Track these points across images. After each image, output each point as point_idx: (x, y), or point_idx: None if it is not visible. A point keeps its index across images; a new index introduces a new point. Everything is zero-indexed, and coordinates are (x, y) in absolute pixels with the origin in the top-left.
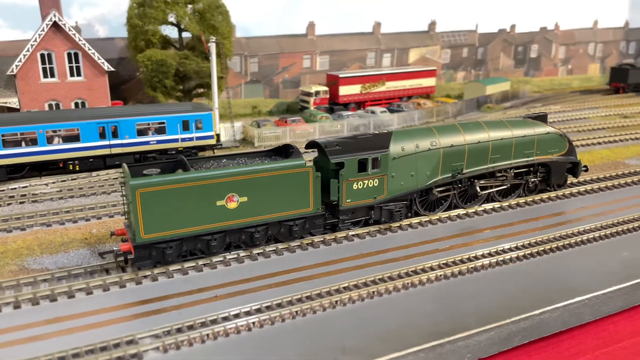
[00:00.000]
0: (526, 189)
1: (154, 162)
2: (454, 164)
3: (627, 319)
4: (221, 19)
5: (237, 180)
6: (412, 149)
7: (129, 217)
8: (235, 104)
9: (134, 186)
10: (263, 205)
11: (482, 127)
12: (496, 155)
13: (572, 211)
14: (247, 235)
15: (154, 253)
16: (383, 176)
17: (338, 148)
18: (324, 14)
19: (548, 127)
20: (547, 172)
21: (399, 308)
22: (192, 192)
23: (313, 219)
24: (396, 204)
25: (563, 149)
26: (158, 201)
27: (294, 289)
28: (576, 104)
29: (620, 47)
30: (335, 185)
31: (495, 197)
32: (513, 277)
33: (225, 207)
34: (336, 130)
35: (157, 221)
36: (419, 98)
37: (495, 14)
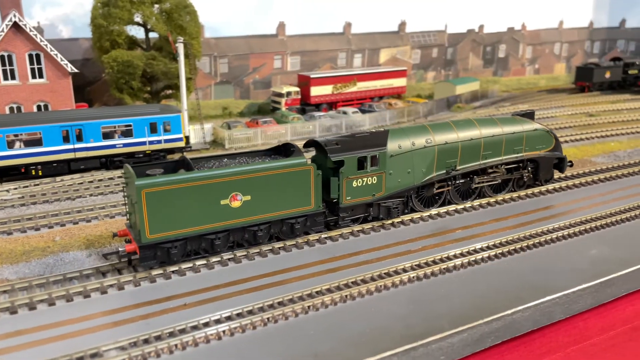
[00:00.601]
0: (516, 184)
1: (156, 162)
2: (448, 161)
3: (597, 316)
4: (189, 19)
5: (240, 179)
6: (409, 146)
7: (131, 218)
8: (205, 105)
9: (139, 186)
10: (266, 203)
11: (474, 124)
12: (488, 152)
13: (542, 209)
14: (250, 234)
15: (159, 253)
16: (381, 173)
17: (338, 146)
18: (294, 14)
19: (536, 124)
20: (536, 168)
21: (372, 311)
22: (196, 192)
23: (314, 216)
24: (393, 200)
25: (550, 145)
26: (163, 201)
27: (266, 294)
28: (543, 103)
29: (585, 46)
30: (335, 183)
31: (487, 193)
32: (485, 277)
33: (229, 206)
34: (308, 131)
35: (163, 221)
36: (390, 98)
37: (463, 14)
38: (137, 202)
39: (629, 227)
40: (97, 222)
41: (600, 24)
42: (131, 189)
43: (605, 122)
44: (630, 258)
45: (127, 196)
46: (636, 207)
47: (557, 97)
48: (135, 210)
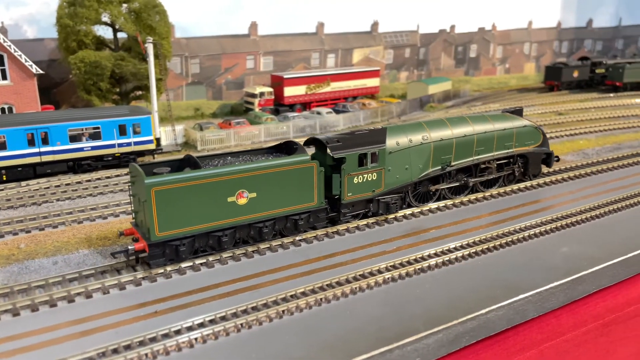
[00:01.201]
0: (506, 179)
1: (162, 161)
2: (443, 157)
3: (569, 313)
4: (158, 19)
5: (247, 177)
6: (406, 143)
7: (137, 217)
8: (177, 107)
9: (149, 185)
10: (271, 200)
11: (467, 121)
12: (480, 148)
13: (513, 208)
14: (255, 230)
15: (168, 251)
16: (380, 170)
17: (339, 144)
18: (266, 14)
19: (525, 120)
20: (525, 163)
21: (348, 314)
22: (204, 189)
23: (317, 212)
24: (392, 196)
25: (538, 141)
26: (172, 199)
27: (239, 299)
28: (514, 102)
29: (554, 46)
30: (337, 179)
31: (479, 188)
32: (459, 277)
33: (235, 203)
34: (282, 132)
35: (172, 219)
36: (364, 98)
37: (435, 14)
38: (146, 201)
39: (598, 224)
40: (64, 228)
41: (567, 24)
42: (139, 187)
43: (574, 121)
44: (600, 255)
45: (133, 195)
46: (605, 205)
47: (527, 96)
48: (144, 209)
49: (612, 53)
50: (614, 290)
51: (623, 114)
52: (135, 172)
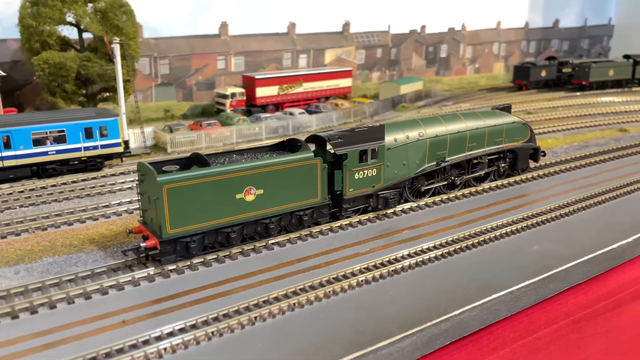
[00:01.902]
0: (496, 174)
1: (169, 159)
2: (438, 153)
3: (541, 311)
4: (125, 19)
5: (254, 174)
6: (404, 139)
7: (146, 215)
8: (146, 108)
9: (161, 182)
10: (277, 196)
11: (460, 118)
12: (473, 144)
13: (485, 207)
14: (262, 226)
15: (179, 247)
16: (380, 166)
17: (340, 141)
18: (236, 14)
19: (513, 116)
20: (514, 158)
21: (321, 319)
22: (214, 187)
23: (320, 208)
24: (390, 191)
25: (526, 136)
26: (183, 196)
27: (210, 306)
28: (484, 101)
29: (522, 46)
30: (339, 175)
31: (471, 183)
32: (433, 278)
33: (243, 200)
34: (254, 133)
35: (183, 216)
36: (337, 99)
37: (405, 14)
38: (158, 198)
39: (568, 222)
40: (27, 236)
41: (535, 24)
42: (149, 185)
43: (542, 120)
44: (571, 253)
45: (141, 193)
46: (574, 202)
47: (497, 96)
48: (155, 206)
49: (578, 53)
50: (584, 287)
51: (589, 112)
52: (144, 170)
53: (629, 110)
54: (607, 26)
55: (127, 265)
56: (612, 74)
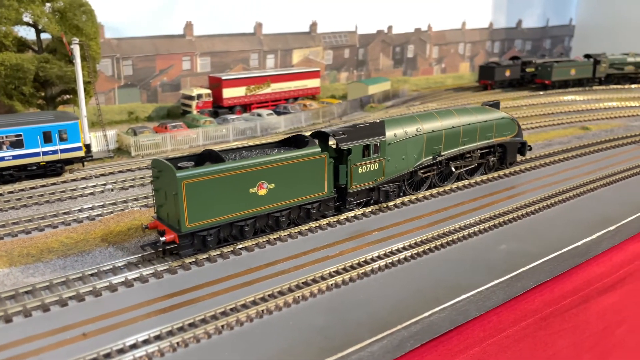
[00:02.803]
0: (486, 167)
1: (182, 156)
2: (434, 147)
3: (509, 309)
4: (85, 19)
5: (266, 169)
6: (403, 134)
7: (161, 210)
8: (109, 111)
9: (180, 178)
10: (287, 191)
11: (454, 114)
12: (465, 139)
13: (453, 206)
14: (273, 219)
15: (196, 241)
16: (382, 160)
17: (345, 136)
18: (201, 14)
19: (502, 112)
20: (503, 152)
21: (291, 325)
22: (230, 181)
23: (327, 201)
24: (390, 185)
25: (514, 131)
26: (201, 191)
27: (175, 316)
28: (450, 101)
29: (486, 46)
30: (344, 169)
31: (464, 176)
32: (403, 279)
33: (256, 194)
34: (221, 135)
35: (200, 210)
36: (305, 99)
37: (372, 15)
38: (177, 193)
39: (534, 220)
40: None
41: (499, 25)
42: (166, 181)
43: None
44: (537, 251)
45: (156, 190)
46: (539, 201)
47: (463, 95)
48: (173, 201)
49: (540, 52)
50: (551, 285)
51: (552, 111)
52: (161, 167)
53: (590, 108)
54: (568, 26)
55: (80, 278)
56: (573, 73)
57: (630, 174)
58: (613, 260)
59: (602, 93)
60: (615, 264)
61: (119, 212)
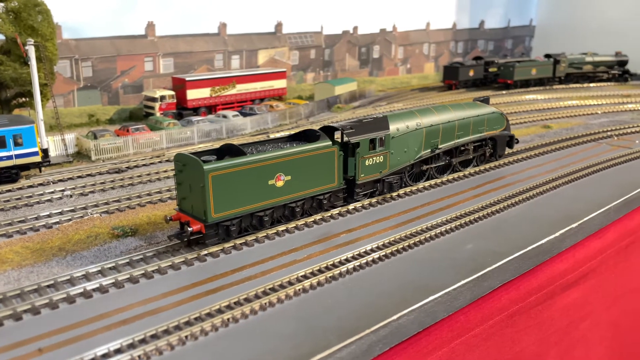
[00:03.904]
0: (478, 160)
1: (202, 150)
2: (432, 141)
3: (476, 308)
4: (41, 19)
5: (284, 161)
6: (404, 129)
7: (184, 202)
8: (68, 114)
9: (207, 170)
10: (302, 182)
11: (449, 109)
12: (460, 132)
13: (419, 207)
14: (289, 210)
15: (220, 231)
16: (386, 153)
17: (353, 130)
18: (163, 14)
19: (492, 107)
20: (494, 145)
21: (257, 334)
22: (251, 173)
23: (337, 192)
24: (393, 177)
25: (503, 125)
26: (225, 183)
27: (137, 327)
28: (416, 101)
29: (450, 46)
30: (352, 162)
31: (458, 168)
32: (370, 282)
33: (274, 186)
34: (186, 137)
35: (224, 201)
36: (272, 100)
37: (337, 15)
38: (203, 185)
39: (499, 219)
40: None
41: (462, 25)
42: (191, 174)
43: None
44: (502, 250)
45: (179, 183)
46: (503, 199)
47: (428, 95)
48: (200, 193)
49: (502, 52)
50: (516, 283)
51: (515, 110)
52: (185, 161)
53: (551, 107)
54: (528, 27)
55: (35, 290)
56: (534, 72)
57: (590, 171)
58: (576, 257)
59: (562, 92)
60: (578, 261)
61: (78, 219)
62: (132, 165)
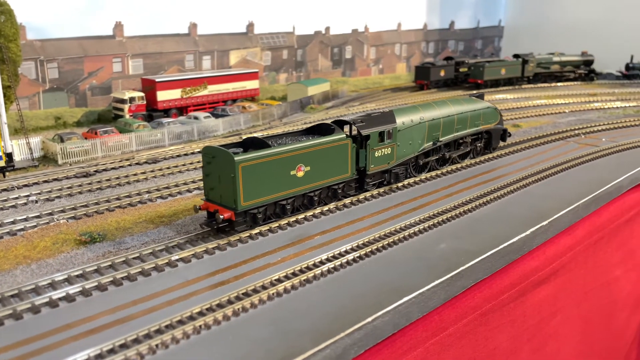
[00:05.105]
0: (475, 152)
1: (227, 144)
2: (434, 134)
3: (450, 308)
4: (4, 19)
5: (304, 153)
6: (409, 122)
7: (212, 193)
8: (34, 116)
9: (238, 161)
10: (319, 173)
11: (448, 104)
12: (459, 126)
13: (393, 207)
14: (308, 199)
15: (248, 218)
16: (393, 145)
17: (363, 124)
18: (132, 14)
19: (486, 102)
20: (489, 138)
21: (230, 340)
22: (276, 164)
23: (349, 182)
24: (399, 167)
25: (497, 119)
26: (253, 173)
27: (105, 336)
28: (389, 101)
29: (422, 47)
30: (363, 154)
31: (457, 160)
32: (345, 284)
33: (295, 176)
34: (156, 140)
35: (252, 190)
36: (244, 101)
37: (309, 16)
38: (234, 175)
39: (471, 218)
40: None
41: (433, 26)
42: (221, 165)
43: None
44: (475, 249)
45: (207, 174)
46: (475, 198)
47: (401, 95)
48: (231, 183)
49: (472, 53)
50: (489, 281)
51: None
52: (214, 153)
53: (520, 106)
54: (497, 27)
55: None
56: (504, 72)
57: (559, 169)
58: (546, 254)
59: (531, 91)
60: (549, 258)
61: (43, 225)
62: (100, 169)
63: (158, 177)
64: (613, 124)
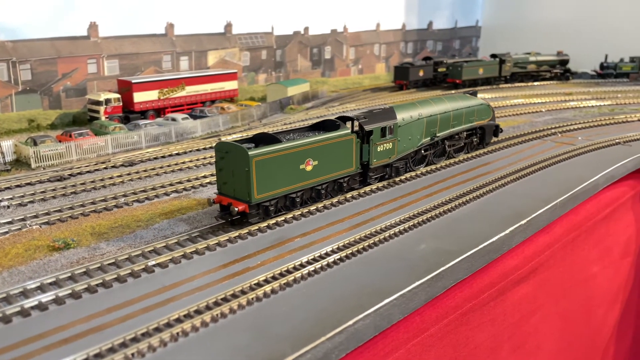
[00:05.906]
0: (469, 147)
1: (239, 139)
2: (431, 130)
3: (431, 308)
4: None
5: (313, 147)
6: (409, 118)
7: (225, 187)
8: (6, 119)
9: (252, 156)
10: (327, 167)
11: (445, 101)
12: (454, 122)
13: (374, 207)
14: (315, 192)
15: (260, 210)
16: (394, 140)
17: (366, 120)
18: (107, 14)
19: (480, 99)
20: (482, 134)
21: (209, 347)
22: (287, 158)
23: (354, 176)
24: (400, 162)
25: (490, 115)
26: (265, 167)
27: (78, 346)
28: (368, 101)
29: (400, 47)
30: (366, 148)
31: (452, 155)
32: (326, 287)
33: (304, 170)
34: (133, 142)
35: (265, 184)
36: (223, 102)
37: (288, 16)
38: (248, 169)
39: (450, 218)
40: None
41: (411, 26)
42: (234, 160)
43: None
44: (455, 249)
45: (220, 169)
46: (455, 198)
47: (380, 95)
48: (244, 177)
49: (450, 53)
50: (469, 281)
51: None
52: (227, 148)
53: (498, 106)
54: (474, 27)
55: None
56: (481, 72)
57: (537, 168)
58: (525, 253)
59: (508, 91)
60: (527, 256)
61: (15, 231)
62: (75, 173)
63: (135, 180)
64: (588, 122)
